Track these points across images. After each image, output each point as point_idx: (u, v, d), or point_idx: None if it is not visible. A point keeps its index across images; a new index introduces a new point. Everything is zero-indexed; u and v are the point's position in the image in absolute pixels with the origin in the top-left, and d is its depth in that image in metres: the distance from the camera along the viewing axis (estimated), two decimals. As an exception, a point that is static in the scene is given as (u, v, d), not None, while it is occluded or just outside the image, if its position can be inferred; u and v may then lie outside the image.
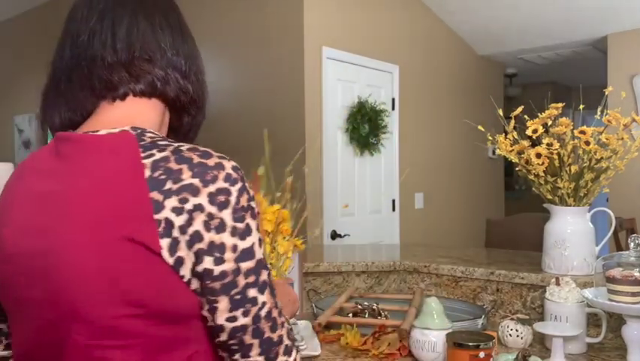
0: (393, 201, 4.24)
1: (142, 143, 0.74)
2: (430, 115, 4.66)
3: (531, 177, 1.69)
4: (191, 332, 0.74)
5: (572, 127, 1.64)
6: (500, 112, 1.76)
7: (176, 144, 0.74)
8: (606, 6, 4.24)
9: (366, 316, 1.62)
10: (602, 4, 4.21)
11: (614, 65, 4.70)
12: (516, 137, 1.71)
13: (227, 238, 0.71)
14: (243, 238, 0.72)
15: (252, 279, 0.73)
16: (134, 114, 0.80)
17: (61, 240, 0.71)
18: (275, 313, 0.75)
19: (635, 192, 4.49)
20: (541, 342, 1.52)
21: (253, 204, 0.75)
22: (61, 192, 0.73)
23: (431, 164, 4.67)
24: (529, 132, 1.66)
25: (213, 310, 0.72)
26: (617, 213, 3.12)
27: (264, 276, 0.74)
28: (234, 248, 0.71)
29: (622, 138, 1.62)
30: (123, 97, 0.79)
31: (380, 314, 1.62)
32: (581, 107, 1.75)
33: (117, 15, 0.81)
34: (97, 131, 0.77)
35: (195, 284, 0.71)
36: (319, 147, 3.59)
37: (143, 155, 0.72)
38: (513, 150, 1.71)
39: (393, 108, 4.18)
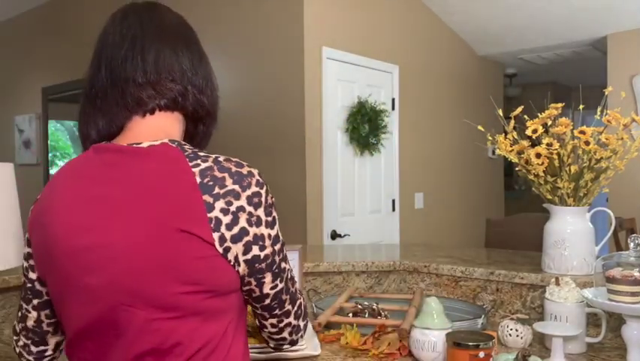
0: (393, 201, 4.24)
1: (185, 154, 0.89)
2: (430, 115, 4.66)
3: (531, 177, 1.69)
4: (231, 304, 0.92)
5: (571, 127, 1.64)
6: (500, 112, 1.77)
7: (213, 156, 0.91)
8: (606, 6, 4.24)
9: (366, 316, 1.62)
10: (602, 4, 4.21)
11: (614, 65, 4.70)
12: (516, 137, 1.71)
13: (264, 230, 0.91)
14: (272, 227, 0.93)
15: (282, 255, 0.96)
16: (163, 126, 0.95)
17: (117, 235, 0.86)
18: (291, 274, 1.01)
19: (635, 192, 4.49)
20: (541, 342, 1.52)
21: (273, 199, 0.95)
22: (113, 196, 0.87)
23: (431, 164, 4.67)
24: (529, 132, 1.66)
25: (261, 284, 0.94)
26: (617, 213, 3.12)
27: (284, 251, 0.98)
28: (270, 236, 0.92)
29: (622, 138, 1.63)
30: (152, 111, 0.95)
31: (380, 314, 1.62)
32: (581, 107, 1.76)
33: (146, 43, 0.96)
34: (139, 143, 0.91)
35: (242, 267, 0.89)
36: (319, 147, 3.59)
37: (190, 164, 0.88)
38: (513, 150, 1.71)
39: (393, 108, 4.18)
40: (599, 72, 4.89)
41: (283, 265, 0.97)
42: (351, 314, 1.65)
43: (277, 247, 0.94)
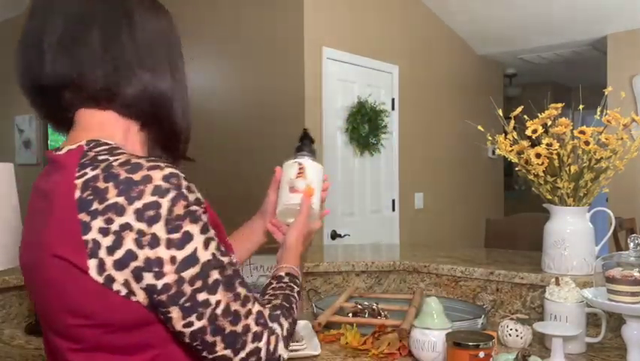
0: (393, 201, 4.24)
1: (83, 160, 0.76)
2: (429, 115, 4.66)
3: (531, 177, 1.69)
4: (151, 337, 0.76)
5: (571, 127, 1.64)
6: (500, 112, 1.77)
7: (112, 158, 0.75)
8: (606, 6, 4.24)
9: (366, 316, 1.62)
10: (602, 4, 4.21)
11: (614, 65, 4.70)
12: (516, 137, 1.71)
13: (163, 252, 0.72)
14: (181, 247, 0.73)
15: (199, 284, 0.74)
16: (87, 124, 0.82)
17: (35, 256, 0.78)
18: (236, 306, 0.77)
19: (635, 192, 4.49)
20: (541, 342, 1.52)
21: (194, 207, 0.75)
22: (40, 211, 0.79)
23: (431, 164, 4.67)
24: (528, 132, 1.66)
25: (169, 320, 0.74)
26: (617, 213, 3.12)
27: (214, 276, 0.75)
28: (173, 260, 0.72)
29: (621, 138, 1.63)
30: (76, 108, 0.82)
31: (380, 314, 1.62)
32: (581, 107, 1.76)
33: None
34: (60, 148, 0.81)
35: (141, 297, 0.73)
36: (319, 147, 3.59)
37: (77, 174, 0.74)
38: (513, 150, 1.71)
39: (393, 108, 4.18)
40: (599, 72, 4.89)
41: (203, 297, 0.74)
42: (351, 314, 1.65)
43: (188, 273, 0.73)
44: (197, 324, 0.74)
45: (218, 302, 0.75)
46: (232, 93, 3.95)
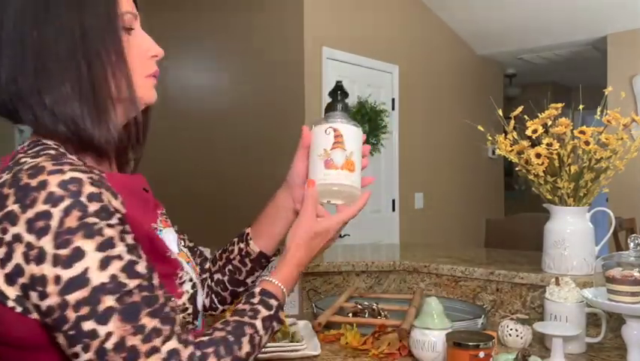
0: (393, 201, 4.24)
1: (9, 163, 0.71)
2: (429, 115, 4.66)
3: (531, 177, 1.69)
4: (54, 356, 0.68)
5: (571, 127, 1.64)
6: (500, 112, 1.77)
7: (29, 161, 0.68)
8: (606, 6, 4.24)
9: (366, 316, 1.62)
10: (602, 4, 4.21)
11: (614, 65, 4.70)
12: (516, 137, 1.71)
13: (48, 270, 0.63)
14: (68, 265, 0.63)
15: (85, 310, 0.63)
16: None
17: None
18: (134, 341, 0.64)
19: (635, 192, 4.49)
20: (541, 342, 1.52)
21: (92, 220, 0.65)
22: None
23: (431, 164, 4.68)
24: (528, 132, 1.66)
25: (59, 346, 0.66)
26: (617, 213, 3.12)
27: (107, 302, 0.64)
28: (57, 279, 0.63)
29: (621, 138, 1.62)
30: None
31: (380, 314, 1.62)
32: (581, 107, 1.75)
33: None
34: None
35: (36, 315, 0.66)
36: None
37: None
38: (513, 150, 1.71)
39: (393, 108, 4.18)
40: (599, 72, 4.89)
41: (90, 326, 0.63)
42: (351, 314, 1.65)
43: (73, 297, 0.63)
44: (84, 356, 0.64)
45: (108, 334, 0.63)
46: (232, 93, 3.95)
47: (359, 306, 1.66)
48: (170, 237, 0.86)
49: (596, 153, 1.60)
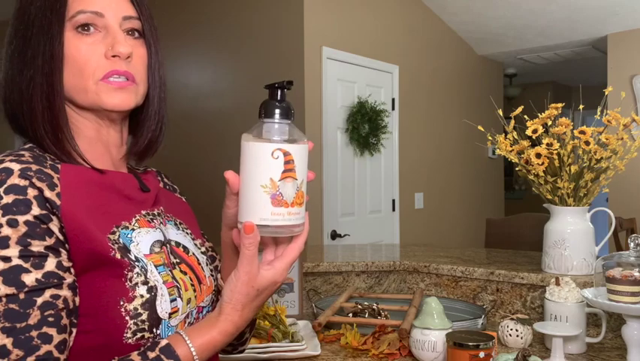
0: (393, 201, 4.24)
1: None
2: (430, 115, 4.66)
3: (531, 177, 1.69)
4: None
5: (571, 127, 1.64)
6: (500, 112, 1.77)
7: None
8: (606, 6, 4.24)
9: (366, 316, 1.62)
10: (602, 4, 4.21)
11: (614, 65, 4.70)
12: (516, 137, 1.71)
13: None
14: None
15: None
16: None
17: None
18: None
19: (635, 192, 4.49)
20: (541, 342, 1.52)
21: None
22: None
23: (431, 164, 4.68)
24: (529, 132, 1.66)
25: None
26: (617, 213, 3.12)
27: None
28: None
29: (622, 138, 1.63)
30: None
31: (380, 314, 1.62)
32: (581, 107, 1.76)
33: None
34: None
35: None
36: (319, 147, 3.59)
37: None
38: (513, 150, 1.71)
39: (393, 108, 4.18)
40: (599, 72, 4.89)
41: None
42: (351, 314, 1.65)
43: None
44: None
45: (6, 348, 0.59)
46: (231, 93, 3.95)
47: (359, 306, 1.66)
48: (143, 238, 0.78)
49: (596, 153, 1.61)
